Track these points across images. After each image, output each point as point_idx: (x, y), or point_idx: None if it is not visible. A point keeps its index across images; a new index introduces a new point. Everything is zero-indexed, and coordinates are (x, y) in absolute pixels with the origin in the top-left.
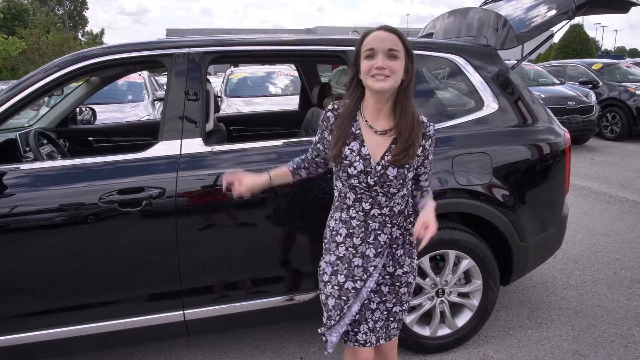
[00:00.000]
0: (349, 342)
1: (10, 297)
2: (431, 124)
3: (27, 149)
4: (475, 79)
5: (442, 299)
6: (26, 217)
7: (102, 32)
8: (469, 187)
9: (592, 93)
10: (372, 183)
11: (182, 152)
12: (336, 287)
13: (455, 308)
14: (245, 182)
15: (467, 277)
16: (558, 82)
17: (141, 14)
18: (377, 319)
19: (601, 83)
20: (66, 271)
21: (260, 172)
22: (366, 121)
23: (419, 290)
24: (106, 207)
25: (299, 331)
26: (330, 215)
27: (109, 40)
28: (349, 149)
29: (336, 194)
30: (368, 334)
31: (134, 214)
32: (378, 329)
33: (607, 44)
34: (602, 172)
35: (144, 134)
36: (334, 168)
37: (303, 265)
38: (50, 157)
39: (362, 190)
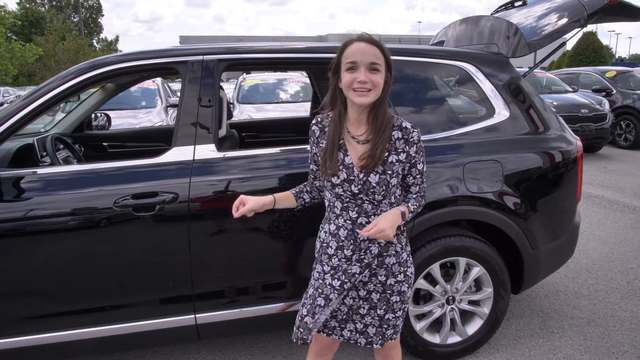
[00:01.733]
0: (334, 335)
1: (24, 299)
2: (415, 130)
3: (44, 153)
4: (487, 86)
5: (453, 306)
6: (43, 220)
7: (116, 39)
8: (479, 194)
9: (605, 101)
10: (357, 191)
11: (195, 158)
12: (320, 279)
13: (466, 316)
14: (249, 204)
15: (478, 284)
16: (571, 89)
17: (154, 21)
18: (368, 323)
19: (615, 91)
20: (80, 274)
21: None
22: (348, 131)
23: (429, 297)
24: (120, 212)
25: None
26: (320, 227)
27: (124, 46)
28: None
29: (326, 203)
30: (353, 333)
31: (147, 219)
32: (371, 334)
33: (621, 51)
34: (615, 181)
35: (157, 139)
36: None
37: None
38: (66, 161)
39: (348, 199)
